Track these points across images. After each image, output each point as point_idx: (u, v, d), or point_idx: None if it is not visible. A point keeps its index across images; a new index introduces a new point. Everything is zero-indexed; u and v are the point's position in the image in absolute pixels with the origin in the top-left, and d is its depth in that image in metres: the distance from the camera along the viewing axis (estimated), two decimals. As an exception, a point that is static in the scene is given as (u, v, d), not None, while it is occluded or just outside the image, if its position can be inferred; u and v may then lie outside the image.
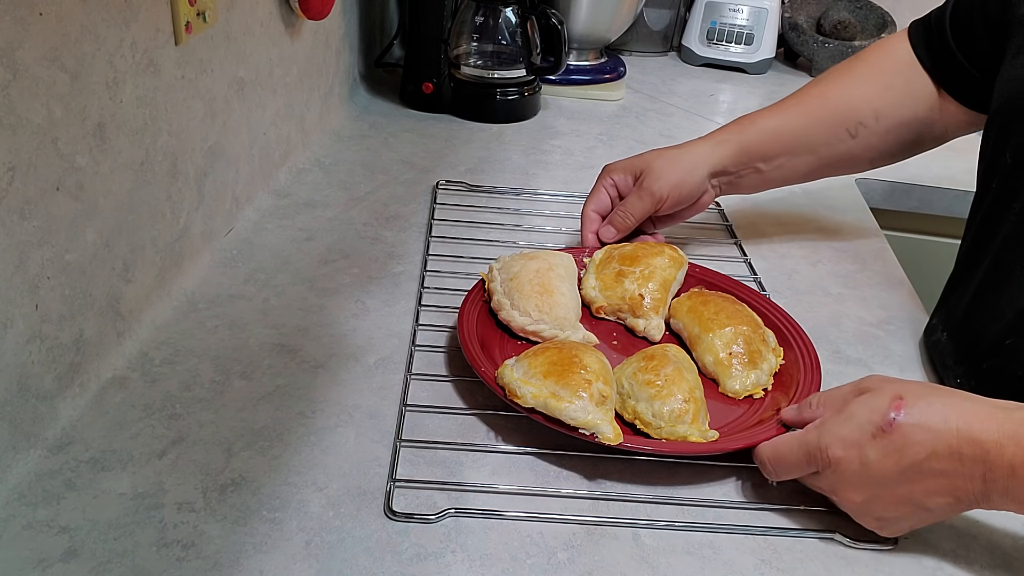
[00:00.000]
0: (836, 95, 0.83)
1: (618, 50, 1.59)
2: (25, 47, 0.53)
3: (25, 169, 0.54)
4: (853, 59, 0.85)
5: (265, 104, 0.92)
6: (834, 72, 0.85)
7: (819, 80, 0.85)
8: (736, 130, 0.84)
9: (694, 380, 0.64)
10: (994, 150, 0.71)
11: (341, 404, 0.66)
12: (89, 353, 0.64)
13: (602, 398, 0.60)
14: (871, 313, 0.84)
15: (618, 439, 0.59)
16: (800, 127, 0.83)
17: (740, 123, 0.85)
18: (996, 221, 0.70)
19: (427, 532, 0.56)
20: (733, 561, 0.56)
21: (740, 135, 0.84)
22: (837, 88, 0.83)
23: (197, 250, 0.80)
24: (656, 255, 0.78)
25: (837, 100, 0.83)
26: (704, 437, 0.61)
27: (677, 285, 0.78)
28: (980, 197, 0.74)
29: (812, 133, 0.83)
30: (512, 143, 1.17)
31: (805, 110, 0.83)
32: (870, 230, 1.01)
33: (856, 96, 0.82)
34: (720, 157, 0.83)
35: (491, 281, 0.75)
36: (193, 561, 0.52)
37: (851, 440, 0.53)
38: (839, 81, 0.84)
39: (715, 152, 0.83)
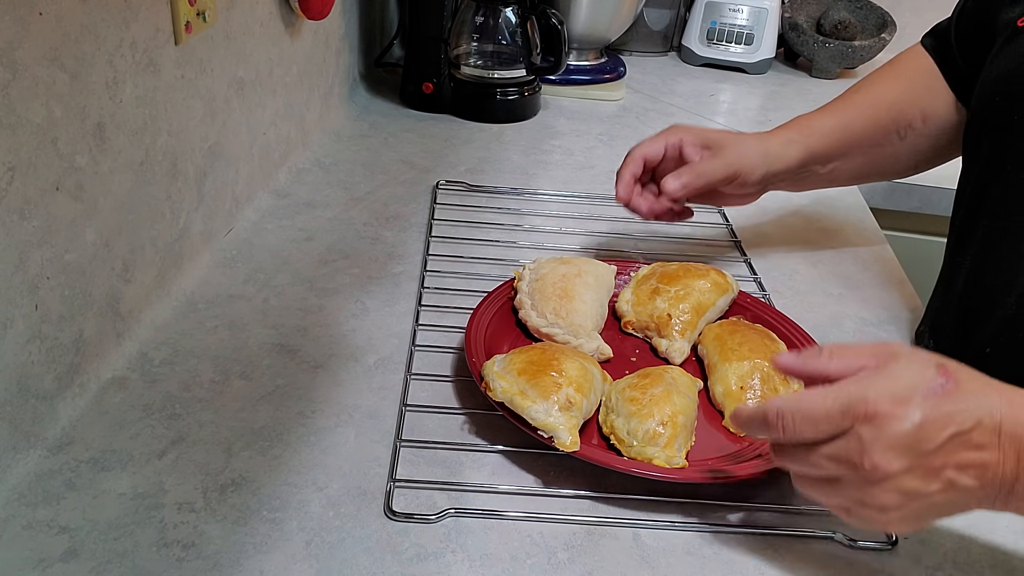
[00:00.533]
0: (887, 96, 0.83)
1: (618, 50, 1.59)
2: (25, 47, 0.53)
3: (25, 169, 0.54)
4: (892, 63, 0.86)
5: (265, 104, 0.92)
6: (879, 75, 0.85)
7: (868, 82, 0.85)
8: (802, 132, 0.83)
9: (682, 405, 0.62)
10: (969, 159, 0.72)
11: (341, 404, 0.66)
12: (89, 353, 0.64)
13: (568, 403, 0.60)
14: (872, 313, 0.84)
15: (574, 447, 0.59)
16: (857, 129, 0.83)
17: (801, 124, 0.84)
18: (972, 229, 0.71)
19: (427, 532, 0.56)
20: (733, 561, 0.56)
21: (807, 138, 0.82)
22: (887, 89, 0.83)
23: (197, 250, 0.80)
24: (699, 277, 0.76)
25: (889, 101, 0.83)
26: (669, 463, 0.59)
27: (717, 311, 0.76)
28: (957, 207, 0.75)
29: (866, 135, 0.83)
30: (512, 143, 1.17)
31: (860, 112, 0.83)
32: (870, 230, 1.01)
33: (905, 98, 0.82)
34: (788, 159, 0.82)
35: (520, 280, 0.76)
36: (193, 561, 0.52)
37: (902, 396, 0.48)
38: (888, 83, 0.84)
39: (784, 152, 0.82)
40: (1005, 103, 0.67)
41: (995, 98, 0.68)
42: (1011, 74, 0.67)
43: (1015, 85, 0.66)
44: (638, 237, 0.93)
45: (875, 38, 1.52)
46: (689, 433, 0.63)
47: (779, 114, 1.38)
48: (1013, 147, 0.66)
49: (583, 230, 0.94)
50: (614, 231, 0.94)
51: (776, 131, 0.84)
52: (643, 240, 0.92)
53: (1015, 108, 0.66)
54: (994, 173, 0.69)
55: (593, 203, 1.00)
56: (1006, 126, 0.67)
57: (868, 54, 1.53)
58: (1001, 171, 0.67)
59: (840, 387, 0.49)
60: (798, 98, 1.46)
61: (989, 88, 0.70)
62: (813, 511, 0.59)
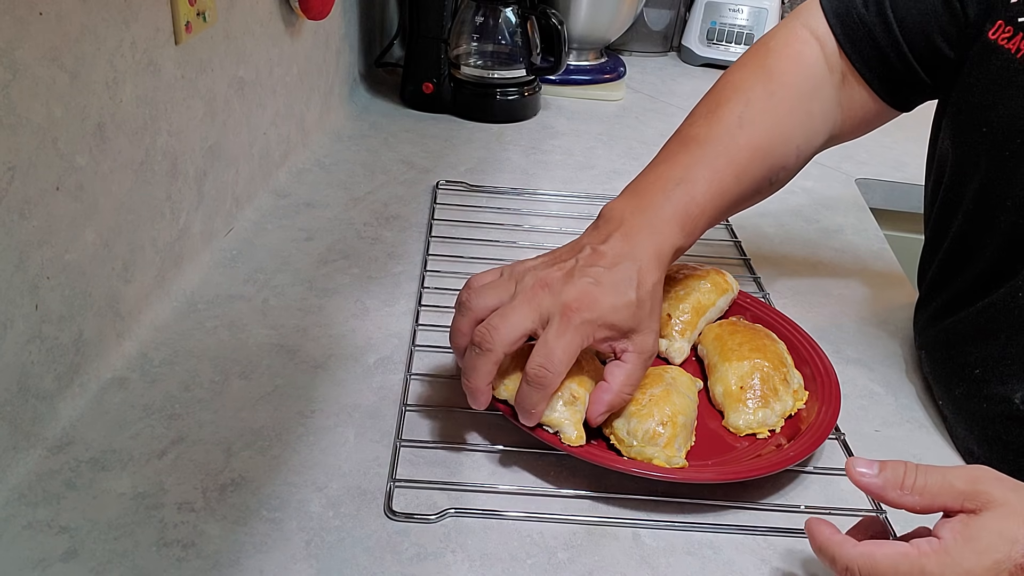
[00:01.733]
0: (763, 141, 0.69)
1: (618, 50, 1.59)
2: (25, 47, 0.53)
3: (25, 169, 0.54)
4: (767, 75, 0.72)
5: (265, 104, 0.92)
6: (757, 109, 0.70)
7: (744, 123, 0.69)
8: (686, 230, 0.65)
9: (682, 405, 0.62)
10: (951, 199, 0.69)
11: (341, 404, 0.66)
12: (89, 353, 0.64)
13: (572, 398, 0.60)
14: (872, 313, 0.84)
15: (580, 441, 0.59)
16: (732, 194, 0.68)
17: (686, 218, 0.65)
18: (956, 270, 0.69)
19: (427, 532, 0.56)
20: (733, 561, 0.56)
21: (690, 236, 0.66)
22: (766, 137, 0.70)
23: (197, 250, 0.80)
24: (699, 278, 0.76)
25: (765, 147, 0.70)
26: (669, 463, 0.59)
27: (717, 311, 0.76)
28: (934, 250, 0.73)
29: (741, 195, 0.70)
30: (512, 143, 1.17)
31: (736, 172, 0.68)
32: (870, 230, 1.02)
33: (782, 140, 0.71)
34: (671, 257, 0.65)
35: None
36: (193, 561, 0.52)
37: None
38: (766, 126, 0.70)
39: (665, 264, 0.64)
40: (995, 137, 0.62)
41: (982, 128, 0.63)
42: (994, 104, 0.62)
43: (1001, 116, 0.62)
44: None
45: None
46: (689, 433, 0.63)
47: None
48: (1012, 183, 0.62)
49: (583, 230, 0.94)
50: (614, 231, 0.94)
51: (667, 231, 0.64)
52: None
53: (1006, 142, 0.61)
54: (990, 209, 0.64)
55: (593, 203, 1.00)
56: (999, 160, 0.62)
57: (868, 54, 1.53)
58: (1001, 207, 0.63)
59: (917, 558, 0.46)
60: (798, 98, 1.46)
61: (970, 119, 0.64)
62: (813, 511, 0.59)
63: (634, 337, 0.60)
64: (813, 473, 0.63)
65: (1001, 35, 0.62)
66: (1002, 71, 0.62)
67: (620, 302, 0.59)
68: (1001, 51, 0.62)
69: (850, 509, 0.60)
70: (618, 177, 1.09)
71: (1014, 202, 0.62)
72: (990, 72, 0.63)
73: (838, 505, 0.60)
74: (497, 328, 0.57)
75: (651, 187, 0.67)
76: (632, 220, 0.64)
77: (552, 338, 0.57)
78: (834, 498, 0.61)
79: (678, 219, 0.64)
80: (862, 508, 0.60)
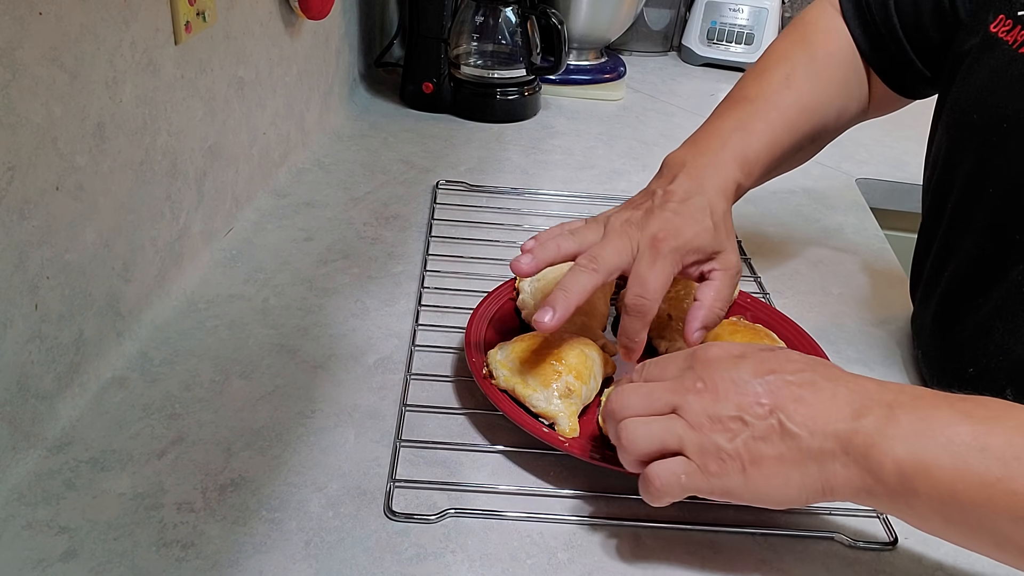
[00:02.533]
0: (809, 101, 0.75)
1: (618, 50, 1.59)
2: (25, 47, 0.53)
3: (25, 169, 0.54)
4: (808, 46, 0.77)
5: (265, 104, 0.92)
6: (800, 72, 0.76)
7: (791, 83, 0.75)
8: (746, 170, 0.72)
9: None
10: (944, 181, 0.70)
11: (341, 404, 0.66)
12: (89, 353, 0.64)
13: (568, 391, 0.62)
14: (872, 313, 0.84)
15: (573, 434, 0.61)
16: (784, 145, 0.74)
17: (745, 160, 0.71)
18: (952, 251, 0.69)
19: (427, 532, 0.56)
20: (733, 561, 0.56)
21: (748, 177, 0.72)
22: (810, 96, 0.76)
23: (197, 250, 0.80)
24: None
25: (811, 106, 0.76)
26: None
27: None
28: (930, 231, 0.74)
29: (790, 148, 0.76)
30: (512, 143, 1.17)
31: (786, 126, 0.74)
32: (870, 230, 1.01)
33: (824, 99, 0.76)
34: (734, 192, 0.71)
35: (521, 280, 0.76)
36: (193, 561, 0.52)
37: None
38: (809, 83, 0.76)
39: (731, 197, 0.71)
40: (984, 122, 0.64)
41: (972, 115, 0.65)
42: (987, 91, 0.64)
43: (993, 103, 0.63)
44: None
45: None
46: None
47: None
48: (997, 170, 0.63)
49: (583, 230, 0.94)
50: (614, 231, 0.94)
51: (726, 170, 0.70)
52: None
53: (994, 128, 0.63)
54: (976, 196, 0.66)
55: (593, 203, 1.00)
56: (986, 146, 0.64)
57: (868, 54, 1.53)
58: (983, 194, 0.65)
59: None
60: (798, 98, 1.46)
61: (964, 106, 0.66)
62: (813, 511, 0.59)
63: (718, 257, 0.66)
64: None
65: (1002, 28, 0.64)
66: (999, 61, 0.63)
67: (700, 228, 0.65)
68: (1001, 43, 0.63)
69: (851, 509, 0.60)
70: (618, 177, 1.09)
71: (996, 189, 0.64)
72: (988, 63, 0.64)
73: (838, 505, 0.60)
74: (600, 255, 0.62)
75: (708, 136, 0.73)
76: (694, 162, 0.70)
77: (645, 269, 0.62)
78: (834, 498, 0.61)
79: (736, 160, 0.70)
80: (862, 508, 0.60)
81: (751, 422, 0.49)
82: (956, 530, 0.46)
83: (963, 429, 0.45)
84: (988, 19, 0.65)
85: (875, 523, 0.59)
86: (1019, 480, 0.42)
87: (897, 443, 0.45)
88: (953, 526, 0.45)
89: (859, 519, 0.59)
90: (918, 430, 0.45)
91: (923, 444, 0.45)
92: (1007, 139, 0.62)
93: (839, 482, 0.47)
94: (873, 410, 0.47)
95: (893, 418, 0.46)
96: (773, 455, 0.48)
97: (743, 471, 0.49)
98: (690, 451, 0.50)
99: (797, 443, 0.48)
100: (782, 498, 0.49)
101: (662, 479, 0.50)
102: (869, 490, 0.47)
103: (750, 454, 0.49)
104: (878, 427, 0.46)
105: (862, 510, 0.59)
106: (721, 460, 0.49)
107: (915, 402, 0.47)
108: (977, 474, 0.43)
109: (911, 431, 0.45)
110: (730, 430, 0.49)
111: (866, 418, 0.47)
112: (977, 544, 0.46)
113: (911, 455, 0.45)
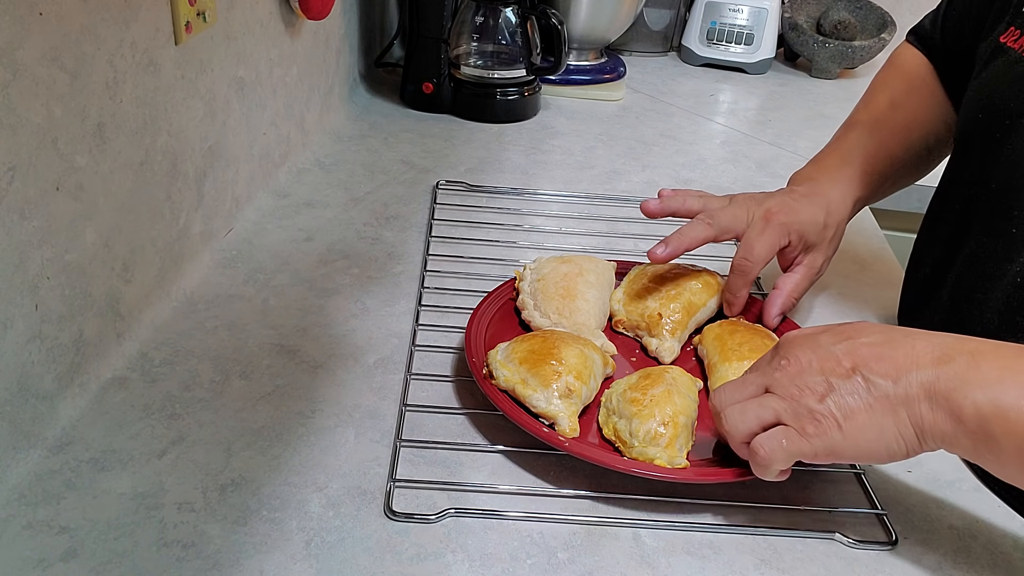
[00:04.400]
0: (917, 119, 0.82)
1: (618, 50, 1.59)
2: (25, 47, 0.53)
3: (25, 169, 0.54)
4: (902, 73, 0.84)
5: (265, 104, 0.92)
6: (902, 94, 0.83)
7: (895, 105, 0.83)
8: (866, 181, 0.79)
9: (683, 405, 0.62)
10: (953, 177, 0.73)
11: (341, 404, 0.66)
12: (89, 353, 0.64)
13: (568, 391, 0.62)
14: (871, 313, 0.84)
15: (573, 433, 0.61)
16: (901, 160, 0.81)
17: (866, 170, 0.79)
18: (958, 247, 0.70)
19: (427, 532, 0.56)
20: (733, 561, 0.56)
21: (867, 187, 0.80)
22: (915, 113, 0.82)
23: (197, 250, 0.80)
24: (690, 278, 0.76)
25: (919, 124, 0.82)
26: (671, 464, 0.59)
27: (708, 312, 0.76)
28: (935, 222, 0.76)
29: (907, 160, 0.82)
30: (512, 143, 1.17)
31: (902, 139, 0.81)
32: (870, 230, 1.01)
33: (929, 116, 0.82)
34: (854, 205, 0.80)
35: (521, 280, 0.76)
36: (193, 561, 0.52)
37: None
38: (912, 105, 0.82)
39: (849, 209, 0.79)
40: (988, 119, 0.66)
41: (978, 115, 0.68)
42: (992, 90, 0.66)
43: (997, 101, 0.65)
44: (638, 237, 0.93)
45: (875, 38, 1.53)
46: (690, 433, 0.63)
47: (779, 114, 1.38)
48: (998, 165, 0.65)
49: (583, 230, 0.94)
50: (614, 231, 0.94)
51: (848, 183, 0.78)
52: (643, 240, 0.92)
53: (998, 125, 0.65)
54: (980, 191, 0.68)
55: (593, 203, 1.00)
56: (990, 143, 0.66)
57: (868, 54, 1.53)
58: (986, 189, 0.67)
59: None
60: (798, 98, 1.47)
61: (972, 105, 0.69)
62: (813, 511, 0.59)
63: (812, 252, 0.75)
64: (813, 473, 0.63)
65: (1010, 38, 0.66)
66: (1004, 63, 0.66)
67: (812, 217, 0.74)
68: (1008, 51, 0.66)
69: (852, 509, 0.60)
70: (618, 177, 1.09)
71: (997, 186, 0.65)
72: (996, 68, 0.67)
73: (839, 505, 0.60)
74: (718, 215, 0.73)
75: (830, 156, 0.81)
76: (819, 177, 0.79)
77: (754, 236, 0.72)
78: (835, 498, 0.61)
79: (857, 176, 0.78)
80: (863, 508, 0.60)
81: (837, 384, 0.52)
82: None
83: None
84: (1000, 30, 0.68)
85: (875, 523, 0.59)
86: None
87: (977, 388, 0.48)
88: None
89: (859, 519, 0.59)
90: (999, 377, 0.48)
91: (1003, 390, 0.47)
92: (1008, 135, 0.64)
93: (927, 425, 0.49)
94: (956, 357, 0.49)
95: (975, 365, 0.49)
96: (863, 407, 0.51)
97: (839, 428, 0.51)
98: (786, 419, 0.53)
99: (884, 392, 0.50)
100: (883, 448, 0.51)
101: (767, 447, 0.53)
102: (954, 434, 0.49)
103: (842, 411, 0.51)
104: (959, 373, 0.49)
105: (862, 510, 0.60)
106: (816, 421, 0.52)
107: (997, 351, 0.50)
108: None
109: (992, 378, 0.48)
110: (819, 393, 0.52)
111: (949, 364, 0.49)
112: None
113: (989, 400, 0.47)
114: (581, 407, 0.63)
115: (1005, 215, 0.64)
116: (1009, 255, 0.64)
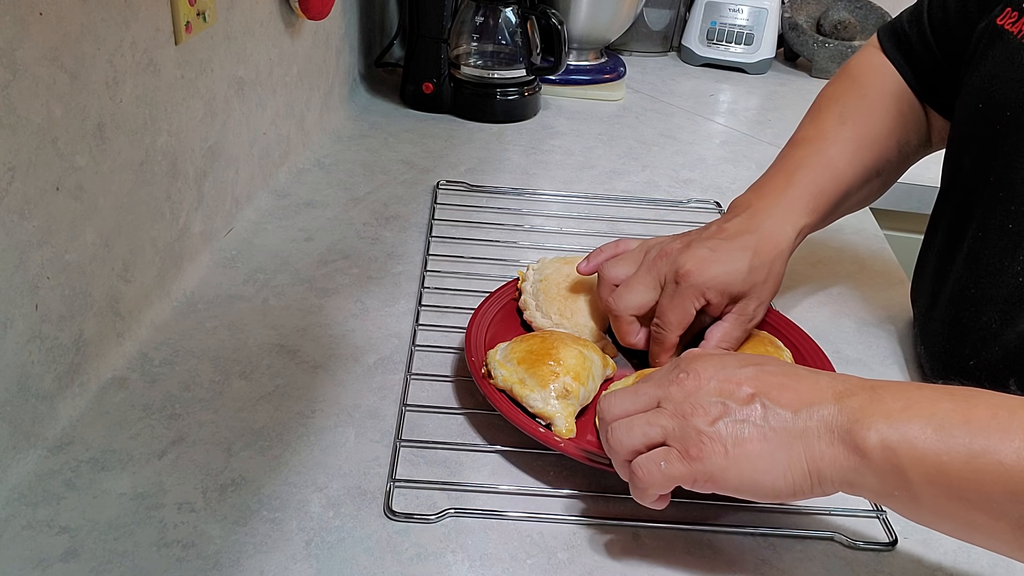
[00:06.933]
0: (868, 136, 0.76)
1: (618, 50, 1.59)
2: (25, 47, 0.53)
3: (25, 169, 0.54)
4: (858, 85, 0.78)
5: (265, 104, 0.92)
6: (853, 108, 0.77)
7: (845, 120, 0.76)
8: (811, 205, 0.72)
9: None
10: (952, 170, 0.71)
11: (341, 404, 0.66)
12: (89, 353, 0.64)
13: (565, 392, 0.62)
14: (871, 313, 0.84)
15: (570, 434, 0.61)
16: (848, 180, 0.74)
17: (813, 195, 0.72)
18: (959, 242, 0.69)
19: (427, 532, 0.56)
20: (733, 561, 0.56)
21: (812, 213, 0.72)
22: (866, 130, 0.76)
23: (197, 250, 0.80)
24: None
25: (871, 142, 0.76)
26: None
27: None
28: (939, 218, 0.75)
29: (855, 183, 0.75)
30: (512, 143, 1.17)
31: (850, 158, 0.74)
32: (870, 230, 1.01)
33: (881, 133, 0.76)
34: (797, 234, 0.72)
35: (524, 280, 0.76)
36: (193, 561, 0.52)
37: None
38: (864, 120, 0.76)
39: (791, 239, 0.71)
40: (988, 111, 0.65)
41: (978, 105, 0.66)
42: (993, 79, 0.64)
43: (998, 91, 0.64)
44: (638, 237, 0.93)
45: (875, 38, 1.52)
46: None
47: (779, 114, 1.38)
48: (997, 158, 0.64)
49: (583, 230, 0.94)
50: (614, 231, 0.94)
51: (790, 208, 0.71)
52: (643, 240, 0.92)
53: (998, 116, 0.63)
54: (978, 185, 0.66)
55: (593, 203, 1.00)
56: (990, 135, 0.64)
57: (868, 54, 1.53)
58: (985, 183, 0.65)
59: None
60: (798, 98, 1.46)
61: (972, 96, 0.67)
62: (813, 511, 0.59)
63: (741, 301, 0.67)
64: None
65: (1007, 20, 0.64)
66: (1004, 51, 0.64)
67: (731, 268, 0.66)
68: (1006, 34, 0.64)
69: (851, 509, 0.60)
70: (618, 177, 1.09)
71: (997, 177, 0.64)
72: (994, 54, 0.65)
73: (839, 505, 0.60)
74: (622, 296, 0.67)
75: (773, 178, 0.74)
76: (758, 203, 0.71)
77: (665, 301, 0.66)
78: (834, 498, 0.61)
79: (802, 199, 0.71)
80: (863, 508, 0.60)
81: (733, 407, 0.48)
82: (950, 517, 0.45)
83: (946, 405, 0.45)
84: (996, 13, 0.66)
85: (875, 523, 0.59)
86: (1006, 452, 0.42)
87: (880, 419, 0.45)
88: (945, 509, 0.44)
89: (859, 519, 0.59)
90: (902, 407, 0.45)
91: (907, 418, 0.44)
92: (1010, 127, 0.62)
93: (826, 464, 0.46)
94: (857, 392, 0.47)
95: (876, 397, 0.46)
96: (757, 436, 0.47)
97: (726, 454, 0.48)
98: (671, 439, 0.49)
99: (782, 422, 0.47)
100: (769, 484, 0.48)
101: (643, 469, 0.50)
102: (856, 470, 0.45)
103: (733, 436, 0.48)
104: (861, 405, 0.46)
105: (862, 510, 0.60)
106: (702, 443, 0.48)
107: (898, 386, 0.47)
108: (963, 445, 0.43)
109: (894, 408, 0.45)
110: (712, 415, 0.48)
111: (850, 399, 0.47)
112: (974, 534, 0.45)
113: (894, 429, 0.44)
114: (579, 408, 0.63)
115: (1004, 210, 0.63)
116: (1010, 252, 0.63)
